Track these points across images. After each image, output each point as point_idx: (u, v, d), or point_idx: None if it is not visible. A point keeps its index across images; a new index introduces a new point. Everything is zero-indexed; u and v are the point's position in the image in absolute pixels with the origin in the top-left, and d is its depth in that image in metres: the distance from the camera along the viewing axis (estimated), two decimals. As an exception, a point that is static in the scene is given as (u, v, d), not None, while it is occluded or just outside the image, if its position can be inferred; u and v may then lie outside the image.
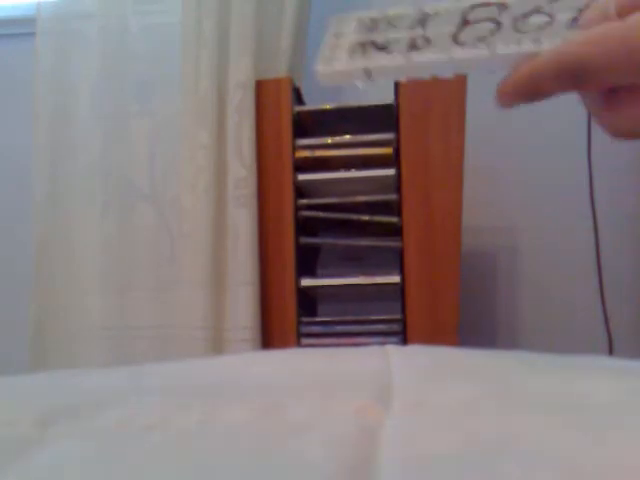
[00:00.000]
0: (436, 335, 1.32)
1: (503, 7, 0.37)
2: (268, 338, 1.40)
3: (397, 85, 1.38)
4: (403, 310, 1.34)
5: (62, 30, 1.64)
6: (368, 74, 0.37)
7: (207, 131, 1.45)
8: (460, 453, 0.18)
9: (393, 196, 1.36)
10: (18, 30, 1.85)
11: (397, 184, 1.36)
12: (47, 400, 0.26)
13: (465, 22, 0.37)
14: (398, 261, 1.36)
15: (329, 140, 1.39)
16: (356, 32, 0.39)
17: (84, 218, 1.58)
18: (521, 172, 1.67)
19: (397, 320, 1.35)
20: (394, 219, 1.36)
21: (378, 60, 0.37)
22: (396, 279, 1.34)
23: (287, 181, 1.40)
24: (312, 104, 1.51)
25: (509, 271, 1.70)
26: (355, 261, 1.43)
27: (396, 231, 1.36)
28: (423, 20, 0.38)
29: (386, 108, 1.38)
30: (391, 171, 1.35)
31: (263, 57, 1.52)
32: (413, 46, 0.37)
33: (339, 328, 1.38)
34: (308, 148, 1.39)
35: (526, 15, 0.37)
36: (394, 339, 1.34)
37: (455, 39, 0.36)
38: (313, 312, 1.51)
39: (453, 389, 0.24)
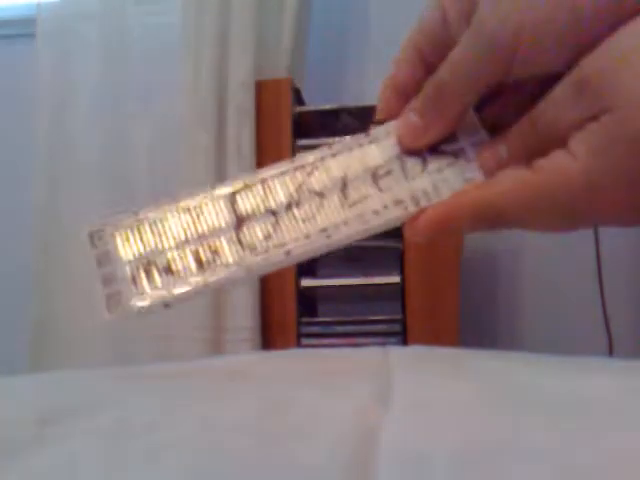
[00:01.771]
0: (436, 335, 1.32)
1: (268, 189, 0.34)
2: (268, 338, 1.40)
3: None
4: (403, 310, 1.34)
5: (62, 30, 1.64)
6: (167, 305, 0.33)
7: (207, 131, 1.45)
8: (460, 453, 0.18)
9: (393, 196, 1.36)
10: (18, 31, 1.85)
11: (397, 184, 1.35)
12: (47, 400, 0.26)
13: (239, 220, 0.33)
14: (398, 261, 1.36)
15: (329, 140, 1.39)
16: (127, 253, 0.33)
17: (84, 219, 1.58)
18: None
19: (397, 320, 1.35)
20: (394, 219, 1.36)
21: (172, 288, 0.33)
22: (396, 279, 1.34)
23: (287, 181, 1.40)
24: (312, 104, 1.51)
25: (509, 271, 1.70)
26: (355, 261, 1.43)
27: (396, 231, 1.35)
28: (194, 221, 0.33)
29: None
30: (391, 171, 1.35)
31: (263, 57, 1.52)
32: (199, 261, 0.32)
33: (339, 328, 1.38)
34: (308, 148, 1.38)
35: (290, 205, 0.34)
36: (394, 339, 1.34)
37: (241, 244, 0.32)
38: (313, 312, 1.51)
39: (453, 389, 0.24)
